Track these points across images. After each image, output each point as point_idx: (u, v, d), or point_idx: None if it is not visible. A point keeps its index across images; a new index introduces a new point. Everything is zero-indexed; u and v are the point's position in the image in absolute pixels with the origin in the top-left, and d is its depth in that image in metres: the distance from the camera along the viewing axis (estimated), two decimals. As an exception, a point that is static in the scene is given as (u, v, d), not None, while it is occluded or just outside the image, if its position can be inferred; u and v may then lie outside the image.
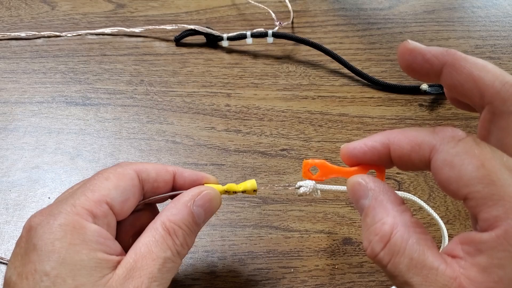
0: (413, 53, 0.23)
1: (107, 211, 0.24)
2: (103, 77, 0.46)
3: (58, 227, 0.22)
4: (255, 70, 0.47)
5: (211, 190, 0.27)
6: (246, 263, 0.33)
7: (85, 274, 0.22)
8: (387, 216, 0.22)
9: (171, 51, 0.49)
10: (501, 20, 0.55)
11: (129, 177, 0.25)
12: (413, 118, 0.43)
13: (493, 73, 0.21)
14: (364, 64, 0.48)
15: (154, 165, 0.27)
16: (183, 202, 0.26)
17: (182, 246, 0.25)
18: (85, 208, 0.23)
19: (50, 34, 0.50)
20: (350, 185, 0.24)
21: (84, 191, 0.24)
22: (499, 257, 0.19)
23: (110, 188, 0.24)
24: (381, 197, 0.23)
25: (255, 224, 0.35)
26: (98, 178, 0.25)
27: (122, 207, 0.25)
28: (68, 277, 0.21)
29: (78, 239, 0.22)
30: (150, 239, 0.24)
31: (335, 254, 0.33)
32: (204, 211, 0.26)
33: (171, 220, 0.25)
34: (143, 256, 0.23)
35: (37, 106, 0.43)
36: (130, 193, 0.25)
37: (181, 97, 0.44)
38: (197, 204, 0.26)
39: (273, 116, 0.43)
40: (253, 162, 0.39)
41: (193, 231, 0.25)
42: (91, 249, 0.23)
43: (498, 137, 0.22)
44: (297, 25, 0.53)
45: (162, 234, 0.24)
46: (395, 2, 0.56)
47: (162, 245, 0.24)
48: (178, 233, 0.24)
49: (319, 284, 0.32)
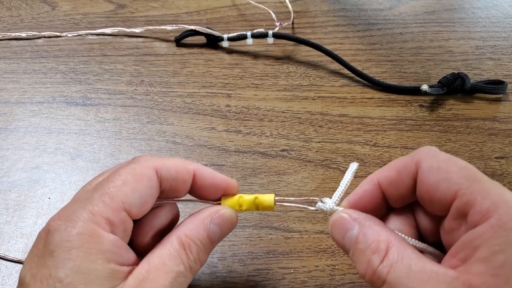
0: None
1: (124, 217, 0.24)
2: (103, 77, 0.46)
3: (76, 235, 0.22)
4: (255, 71, 0.47)
5: (229, 210, 0.27)
6: (246, 263, 0.33)
7: (98, 284, 0.22)
8: (379, 236, 0.23)
9: (172, 52, 0.49)
10: (502, 21, 0.55)
11: (147, 178, 0.25)
12: (413, 118, 0.43)
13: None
14: (364, 65, 0.48)
15: (175, 162, 0.26)
16: (200, 219, 0.26)
17: (195, 262, 0.25)
18: (103, 216, 0.23)
19: (50, 34, 0.50)
20: (333, 222, 0.25)
21: (102, 196, 0.24)
22: (497, 243, 0.20)
23: (129, 194, 0.24)
24: (368, 222, 0.24)
25: (255, 224, 0.35)
26: (116, 180, 0.24)
27: (140, 210, 0.25)
28: (81, 285, 0.22)
29: (95, 248, 0.22)
30: (164, 251, 0.24)
31: (335, 255, 0.33)
32: (220, 229, 0.26)
33: (187, 235, 0.25)
34: (156, 268, 0.23)
35: (37, 106, 0.43)
36: (149, 196, 0.25)
37: (181, 98, 0.44)
38: (214, 222, 0.26)
39: (273, 117, 0.43)
40: (253, 162, 0.39)
41: (207, 248, 0.25)
42: (106, 259, 0.23)
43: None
44: (297, 25, 0.53)
45: (177, 248, 0.24)
46: (395, 2, 0.56)
47: (176, 259, 0.24)
48: (193, 248, 0.25)
49: (319, 284, 0.32)
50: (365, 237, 0.23)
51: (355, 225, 0.24)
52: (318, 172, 0.38)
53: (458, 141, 0.41)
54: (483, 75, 0.47)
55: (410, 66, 0.48)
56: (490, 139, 0.41)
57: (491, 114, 0.44)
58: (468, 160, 0.39)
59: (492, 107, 0.44)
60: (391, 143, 0.41)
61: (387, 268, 0.21)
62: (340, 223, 0.24)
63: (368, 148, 0.40)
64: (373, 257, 0.22)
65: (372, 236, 0.23)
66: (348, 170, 0.28)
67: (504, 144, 0.41)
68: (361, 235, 0.23)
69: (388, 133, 0.41)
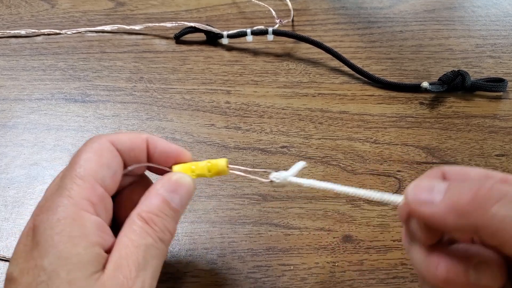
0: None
1: (102, 193, 0.24)
2: (102, 74, 0.46)
3: (57, 221, 0.22)
4: (255, 68, 0.47)
5: (182, 176, 0.26)
6: (245, 260, 0.32)
7: (80, 268, 0.22)
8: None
9: (171, 49, 0.49)
10: (502, 19, 0.55)
11: (107, 149, 0.25)
12: (413, 116, 0.43)
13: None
14: (364, 62, 0.48)
15: (127, 133, 0.27)
16: (154, 192, 0.25)
17: (163, 232, 0.24)
18: (82, 197, 0.23)
19: (49, 32, 0.50)
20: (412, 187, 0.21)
21: (72, 180, 0.24)
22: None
23: (96, 168, 0.24)
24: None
25: (254, 221, 0.35)
26: (79, 161, 0.24)
27: (113, 182, 0.25)
28: (63, 271, 0.21)
29: (77, 231, 0.22)
30: (128, 230, 0.24)
31: (335, 252, 0.33)
32: (178, 196, 0.26)
33: (146, 210, 0.24)
34: (125, 246, 0.23)
35: (36, 103, 0.43)
36: (116, 165, 0.25)
37: (180, 94, 0.44)
38: (168, 190, 0.25)
39: (273, 113, 0.42)
40: (253, 159, 0.39)
41: (172, 216, 0.25)
42: (89, 242, 0.22)
43: None
44: (297, 23, 0.53)
45: (139, 224, 0.24)
46: (395, 1, 0.56)
47: (141, 233, 0.24)
48: (156, 220, 0.24)
49: (319, 281, 0.32)
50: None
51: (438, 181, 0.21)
52: (318, 169, 0.38)
53: (459, 138, 0.41)
54: (483, 73, 0.47)
55: (410, 64, 0.48)
56: (491, 136, 0.41)
57: (491, 112, 0.44)
58: (468, 158, 0.39)
59: (492, 105, 0.44)
60: (391, 140, 0.40)
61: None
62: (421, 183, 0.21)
63: (369, 145, 0.40)
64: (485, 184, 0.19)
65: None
66: (296, 165, 0.28)
67: (504, 142, 0.41)
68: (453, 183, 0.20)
69: (388, 130, 0.41)
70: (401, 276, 0.32)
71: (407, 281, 0.32)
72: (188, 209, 0.35)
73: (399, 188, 0.37)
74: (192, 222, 0.34)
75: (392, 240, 0.34)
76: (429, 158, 0.39)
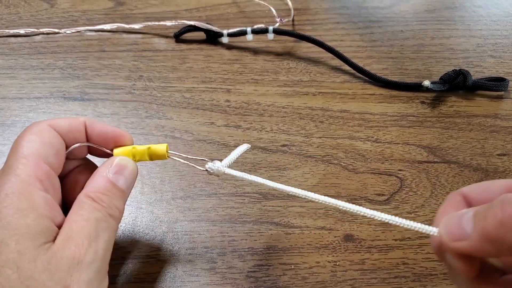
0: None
1: (48, 171, 0.25)
2: (101, 72, 0.45)
3: (5, 196, 0.23)
4: (255, 66, 0.47)
5: (122, 157, 0.27)
6: (246, 259, 0.32)
7: (29, 238, 0.22)
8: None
9: (171, 47, 0.48)
10: (502, 19, 0.54)
11: (47, 131, 0.26)
12: (414, 115, 0.42)
13: None
14: (365, 62, 0.48)
15: (64, 118, 0.28)
16: (99, 174, 0.26)
17: (111, 208, 0.25)
18: (28, 174, 0.23)
19: (49, 31, 0.50)
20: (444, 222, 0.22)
21: (17, 159, 0.24)
22: None
23: (39, 147, 0.25)
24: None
25: (255, 220, 0.34)
26: (22, 144, 0.25)
27: (57, 162, 0.26)
28: (12, 241, 0.22)
29: (26, 204, 0.23)
30: (77, 207, 0.24)
31: (336, 251, 0.33)
32: (123, 176, 0.26)
33: (92, 190, 0.25)
34: (75, 221, 0.24)
35: (35, 101, 0.42)
36: (58, 144, 0.26)
37: (180, 93, 0.43)
38: (113, 172, 0.26)
39: (274, 112, 0.42)
40: (253, 157, 0.38)
41: (118, 195, 0.26)
42: (38, 214, 0.23)
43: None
44: (297, 22, 0.53)
45: (88, 202, 0.24)
46: (396, 0, 0.56)
47: (90, 208, 0.24)
48: (103, 198, 0.25)
49: (320, 281, 0.31)
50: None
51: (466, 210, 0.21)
52: (319, 167, 0.38)
53: (460, 138, 0.41)
54: (484, 72, 0.47)
55: (411, 63, 0.48)
56: (492, 136, 0.41)
57: (493, 111, 0.43)
58: (470, 157, 0.39)
59: (494, 104, 0.44)
60: (393, 139, 0.40)
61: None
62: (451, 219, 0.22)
63: (370, 144, 0.40)
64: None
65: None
66: (240, 147, 0.30)
67: (506, 141, 0.41)
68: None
69: (389, 129, 0.41)
70: (402, 276, 0.31)
71: (409, 281, 0.31)
72: (188, 207, 0.35)
73: (400, 187, 0.37)
74: (192, 221, 0.34)
75: (394, 239, 0.33)
76: (431, 157, 0.39)
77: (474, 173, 0.38)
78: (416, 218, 0.34)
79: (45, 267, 0.22)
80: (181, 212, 0.34)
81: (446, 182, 0.37)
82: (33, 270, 0.21)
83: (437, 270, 0.32)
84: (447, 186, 0.37)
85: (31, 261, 0.21)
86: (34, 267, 0.21)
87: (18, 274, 0.21)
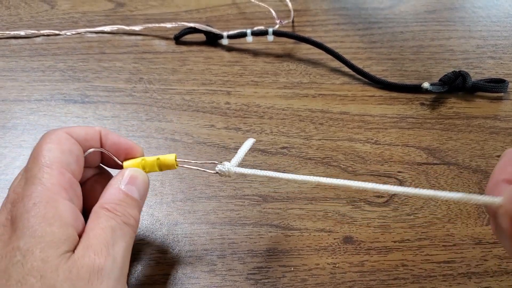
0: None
1: (71, 179, 0.25)
2: (102, 74, 0.45)
3: (33, 206, 0.23)
4: (255, 68, 0.47)
5: (135, 169, 0.28)
6: (245, 261, 0.32)
7: (53, 246, 0.22)
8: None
9: (171, 49, 0.49)
10: (502, 20, 0.54)
11: (65, 138, 0.26)
12: (414, 116, 0.43)
13: None
14: (365, 63, 0.48)
15: (80, 126, 0.28)
16: (112, 187, 0.27)
17: (126, 217, 0.25)
18: (53, 183, 0.24)
19: (49, 33, 0.50)
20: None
21: (41, 169, 0.24)
22: None
23: (60, 155, 0.25)
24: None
25: (255, 222, 0.34)
26: (42, 152, 0.25)
27: (78, 168, 0.26)
28: (37, 249, 0.22)
29: (51, 212, 0.23)
30: (94, 218, 0.25)
31: (335, 253, 0.33)
32: (135, 187, 0.27)
33: (106, 202, 0.26)
34: (92, 229, 0.24)
35: (35, 104, 0.43)
36: (77, 151, 0.26)
37: (180, 95, 0.44)
38: (126, 183, 0.27)
39: (274, 114, 0.42)
40: (253, 160, 0.38)
41: (132, 204, 0.26)
42: (63, 222, 0.23)
43: None
44: (297, 24, 0.53)
45: (102, 212, 0.25)
46: (396, 1, 0.56)
47: (105, 217, 0.25)
48: (117, 208, 0.25)
49: (320, 283, 0.31)
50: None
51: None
52: (319, 169, 0.38)
53: (460, 139, 0.41)
54: (484, 74, 0.47)
55: (411, 64, 0.48)
56: (492, 137, 0.41)
57: (492, 113, 0.43)
58: (469, 158, 0.39)
59: (493, 106, 0.44)
60: (392, 141, 0.40)
61: None
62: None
63: (369, 146, 0.40)
64: None
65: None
66: (246, 142, 0.31)
67: (505, 143, 0.41)
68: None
69: (389, 131, 0.41)
70: (402, 278, 0.32)
71: (408, 283, 0.31)
72: (188, 210, 0.35)
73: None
74: (192, 223, 0.34)
75: (393, 241, 0.33)
76: (430, 159, 0.39)
77: (474, 175, 0.38)
78: (415, 220, 0.35)
79: (66, 276, 0.22)
80: (181, 214, 0.35)
81: (445, 183, 0.37)
82: (56, 279, 0.22)
83: (436, 271, 0.32)
84: (447, 188, 0.37)
85: (53, 270, 0.22)
86: (56, 276, 0.22)
87: (41, 282, 0.21)
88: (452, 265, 0.32)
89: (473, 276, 0.32)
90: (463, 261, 0.32)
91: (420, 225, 0.34)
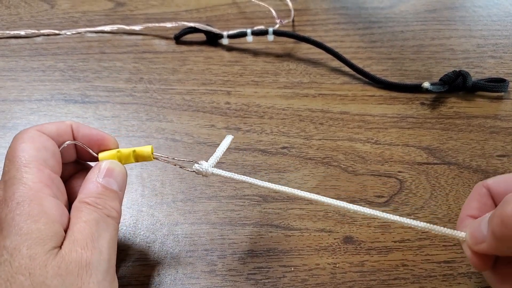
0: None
1: (50, 174, 0.25)
2: (102, 74, 0.45)
3: (16, 205, 0.23)
4: (255, 68, 0.47)
5: (110, 162, 0.28)
6: (246, 261, 0.32)
7: (40, 243, 0.22)
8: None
9: (171, 49, 0.49)
10: (503, 19, 0.54)
11: (38, 135, 0.26)
12: (414, 116, 0.42)
13: None
14: (365, 63, 0.48)
15: (51, 122, 0.28)
16: (89, 180, 0.27)
17: (107, 209, 0.25)
18: (34, 181, 0.24)
19: (49, 32, 0.50)
20: (470, 234, 0.26)
21: (19, 169, 0.24)
22: None
23: (36, 154, 0.25)
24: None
25: (255, 222, 0.34)
26: (17, 152, 0.25)
27: (56, 163, 0.26)
28: (24, 247, 0.22)
29: (37, 210, 0.23)
30: (74, 213, 0.25)
31: (336, 253, 0.33)
32: (113, 179, 0.27)
33: (86, 196, 0.26)
34: (74, 223, 0.24)
35: (35, 104, 0.43)
36: (52, 146, 0.26)
37: (180, 95, 0.44)
38: (103, 176, 0.27)
39: (274, 114, 0.42)
40: (253, 160, 0.38)
41: (111, 196, 0.26)
42: (49, 219, 0.23)
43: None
44: (298, 23, 0.53)
45: (83, 206, 0.25)
46: (396, 1, 0.56)
47: (87, 211, 0.25)
48: (97, 201, 0.25)
49: (320, 283, 0.31)
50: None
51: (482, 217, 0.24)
52: (319, 169, 0.38)
53: (460, 139, 0.41)
54: (484, 73, 0.47)
55: (411, 64, 0.48)
56: (492, 137, 0.41)
57: (492, 112, 0.43)
58: (469, 158, 0.39)
59: (493, 105, 0.44)
60: (392, 140, 0.40)
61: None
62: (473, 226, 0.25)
63: (369, 146, 0.40)
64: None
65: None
66: (225, 140, 0.31)
67: (506, 142, 0.41)
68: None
69: (389, 131, 0.41)
70: (402, 278, 0.32)
71: (408, 283, 0.31)
72: (188, 210, 0.35)
73: (400, 188, 0.37)
74: (192, 224, 0.34)
75: (393, 241, 0.33)
76: (430, 158, 0.39)
77: (474, 174, 0.38)
78: (415, 220, 0.35)
79: (56, 272, 0.22)
80: (182, 214, 0.35)
81: (445, 183, 0.37)
82: (45, 276, 0.22)
83: (436, 271, 0.32)
84: (447, 187, 0.37)
85: (42, 267, 0.22)
86: (46, 273, 0.22)
87: (31, 280, 0.21)
88: (452, 265, 0.32)
89: (473, 276, 0.32)
90: (464, 261, 0.32)
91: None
